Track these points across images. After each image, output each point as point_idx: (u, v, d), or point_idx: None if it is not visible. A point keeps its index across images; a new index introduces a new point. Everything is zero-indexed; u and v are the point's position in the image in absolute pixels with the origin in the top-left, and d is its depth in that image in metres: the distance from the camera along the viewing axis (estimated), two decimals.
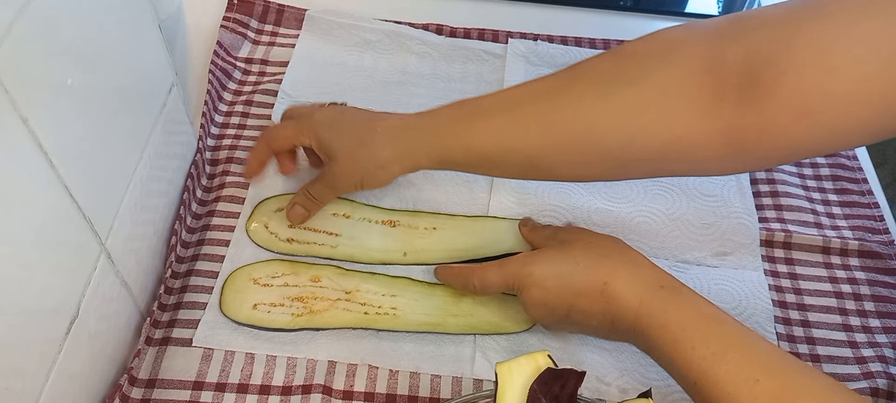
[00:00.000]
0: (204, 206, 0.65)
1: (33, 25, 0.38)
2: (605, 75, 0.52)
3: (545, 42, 0.81)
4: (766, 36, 0.46)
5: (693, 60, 0.49)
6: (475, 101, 0.56)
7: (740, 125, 0.47)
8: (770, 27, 0.46)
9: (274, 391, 0.55)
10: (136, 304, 0.56)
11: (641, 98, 0.50)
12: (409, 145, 0.57)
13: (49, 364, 0.44)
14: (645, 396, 0.48)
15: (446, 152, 0.56)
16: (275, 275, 0.60)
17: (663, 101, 0.49)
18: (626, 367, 0.58)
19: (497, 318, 0.59)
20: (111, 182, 0.50)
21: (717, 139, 0.49)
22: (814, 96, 0.44)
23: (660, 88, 0.49)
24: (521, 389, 0.43)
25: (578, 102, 0.52)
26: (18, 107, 0.37)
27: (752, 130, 0.47)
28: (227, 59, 0.75)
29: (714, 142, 0.49)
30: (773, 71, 0.45)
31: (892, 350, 0.61)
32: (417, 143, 0.57)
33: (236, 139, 0.70)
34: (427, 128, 0.57)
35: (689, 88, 0.49)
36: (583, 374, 0.44)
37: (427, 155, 0.57)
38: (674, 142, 0.50)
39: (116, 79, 0.50)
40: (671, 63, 0.49)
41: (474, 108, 0.56)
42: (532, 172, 0.56)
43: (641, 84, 0.50)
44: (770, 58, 0.45)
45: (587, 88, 0.52)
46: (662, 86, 0.49)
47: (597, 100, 0.51)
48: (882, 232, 0.68)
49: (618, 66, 0.52)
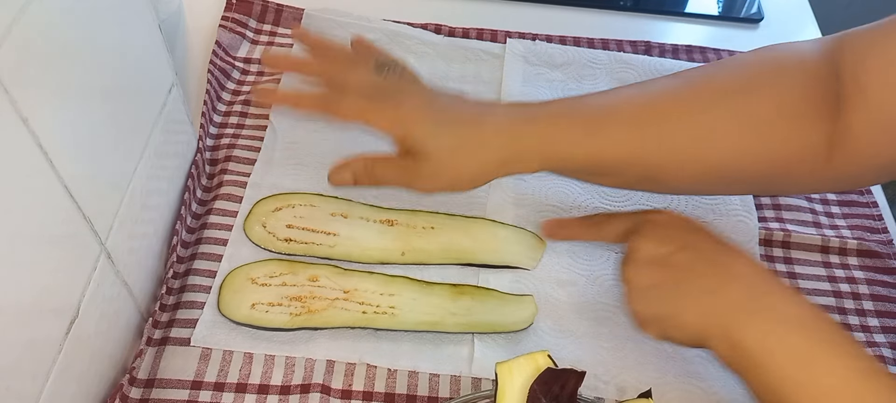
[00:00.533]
0: (203, 206, 0.65)
1: (33, 25, 0.38)
2: (723, 89, 0.52)
3: (544, 42, 0.82)
4: (854, 52, 0.47)
5: (799, 78, 0.50)
6: (593, 102, 0.53)
7: (834, 142, 0.48)
8: (858, 43, 0.48)
9: (272, 390, 0.55)
10: (136, 304, 0.56)
11: (756, 114, 0.50)
12: (519, 148, 0.52)
13: (49, 364, 0.44)
14: (645, 396, 0.48)
15: (564, 159, 0.52)
16: (273, 275, 0.60)
17: (776, 112, 0.50)
18: (625, 364, 0.58)
19: (496, 317, 0.59)
20: (111, 182, 0.50)
21: (820, 157, 0.49)
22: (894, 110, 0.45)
23: (774, 105, 0.50)
24: (520, 389, 0.44)
25: (700, 114, 0.51)
26: (18, 107, 0.37)
27: (844, 147, 0.48)
28: (226, 58, 0.75)
29: (818, 160, 0.49)
30: (855, 87, 0.46)
31: (891, 350, 0.61)
32: (530, 147, 0.52)
33: (234, 138, 0.70)
34: (542, 129, 0.52)
35: (796, 107, 0.49)
36: (583, 374, 0.44)
37: (541, 159, 0.52)
38: (784, 160, 0.50)
39: (116, 79, 0.50)
40: (780, 83, 0.50)
41: (595, 112, 0.52)
42: (646, 185, 0.56)
43: (754, 101, 0.50)
44: (854, 74, 0.46)
45: (709, 103, 0.51)
46: (776, 103, 0.50)
47: (719, 117, 0.51)
48: (881, 232, 0.68)
49: (733, 80, 0.52)
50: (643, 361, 0.58)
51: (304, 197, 0.65)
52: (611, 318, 0.61)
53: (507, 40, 0.81)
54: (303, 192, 0.65)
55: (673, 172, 0.52)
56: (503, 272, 0.63)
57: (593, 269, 0.64)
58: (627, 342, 0.59)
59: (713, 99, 0.52)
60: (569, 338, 0.59)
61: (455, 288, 0.61)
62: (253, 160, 0.68)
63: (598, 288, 0.62)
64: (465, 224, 0.65)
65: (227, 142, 0.69)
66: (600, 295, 0.62)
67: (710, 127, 0.51)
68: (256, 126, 0.71)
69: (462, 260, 0.63)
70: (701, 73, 0.54)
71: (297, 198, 0.65)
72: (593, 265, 0.64)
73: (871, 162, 0.48)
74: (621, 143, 0.51)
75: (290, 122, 0.71)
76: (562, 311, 0.61)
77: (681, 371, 0.58)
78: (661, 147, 0.51)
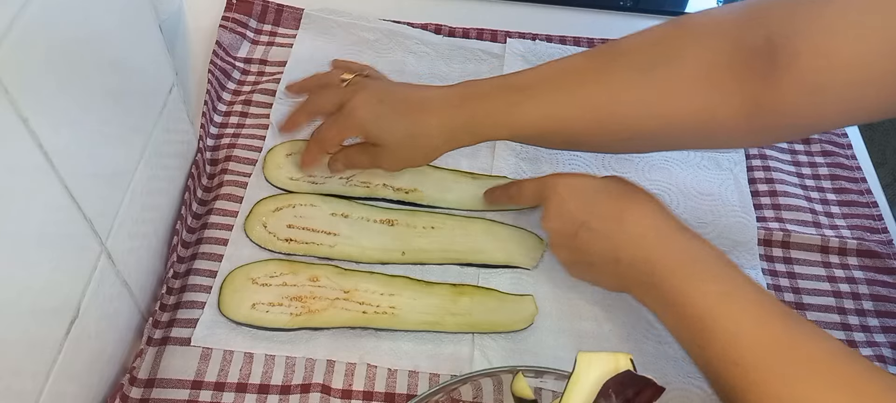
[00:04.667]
0: (204, 206, 0.65)
1: (33, 25, 0.38)
2: (640, 59, 0.55)
3: (544, 42, 0.82)
4: (786, 18, 0.49)
5: (721, 43, 0.52)
6: (516, 79, 0.59)
7: (760, 103, 0.50)
8: (790, 10, 0.49)
9: (273, 390, 0.55)
10: (136, 304, 0.56)
11: (676, 80, 0.53)
12: (454, 128, 0.59)
13: (49, 364, 0.44)
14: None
15: (491, 132, 0.59)
16: (273, 275, 0.60)
17: (695, 84, 0.52)
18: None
19: (495, 317, 0.59)
20: (111, 182, 0.50)
21: (741, 118, 0.52)
22: (823, 76, 0.47)
23: (692, 71, 0.53)
24: (594, 381, 0.43)
25: (618, 86, 0.55)
26: (18, 107, 0.37)
27: (768, 107, 0.50)
28: (226, 58, 0.75)
29: (739, 121, 0.52)
30: (788, 52, 0.48)
31: (891, 350, 0.61)
32: (463, 125, 0.59)
33: (235, 138, 0.70)
34: (471, 110, 0.59)
35: (717, 71, 0.52)
36: (661, 389, 0.43)
37: (472, 135, 0.59)
38: (704, 122, 0.53)
39: (117, 79, 0.50)
40: (701, 47, 0.53)
41: (517, 88, 0.58)
42: (573, 146, 0.61)
43: (675, 67, 0.53)
44: (786, 39, 0.48)
45: (625, 73, 0.55)
46: (694, 69, 0.52)
47: (634, 84, 0.55)
48: (881, 232, 0.68)
49: (652, 49, 0.55)
50: (643, 361, 0.58)
51: (305, 197, 0.65)
52: (611, 318, 0.61)
53: (507, 40, 0.81)
54: (303, 192, 0.66)
55: (595, 135, 0.57)
56: (503, 272, 0.63)
57: None
58: (627, 342, 0.59)
59: (631, 65, 0.55)
60: (569, 338, 0.59)
61: (455, 288, 0.61)
62: (253, 160, 0.68)
63: (598, 288, 0.62)
64: (465, 224, 0.65)
65: (228, 142, 0.69)
66: (600, 295, 0.62)
67: (631, 97, 0.55)
68: (256, 126, 0.71)
69: (462, 260, 0.63)
70: (620, 43, 0.57)
71: (297, 198, 0.65)
72: None
73: (795, 122, 0.52)
74: (542, 112, 0.57)
75: None
76: (562, 311, 0.61)
77: (681, 371, 0.58)
78: (581, 113, 0.56)
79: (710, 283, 0.48)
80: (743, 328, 0.46)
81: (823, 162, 0.73)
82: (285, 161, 0.68)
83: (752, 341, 0.45)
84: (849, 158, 0.74)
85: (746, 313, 0.46)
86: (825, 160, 0.73)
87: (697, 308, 0.48)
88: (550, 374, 0.50)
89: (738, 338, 0.46)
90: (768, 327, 0.46)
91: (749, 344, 0.45)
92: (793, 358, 0.44)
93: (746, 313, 0.46)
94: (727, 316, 0.47)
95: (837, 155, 0.74)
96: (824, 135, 0.75)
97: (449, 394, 0.51)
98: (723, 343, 0.46)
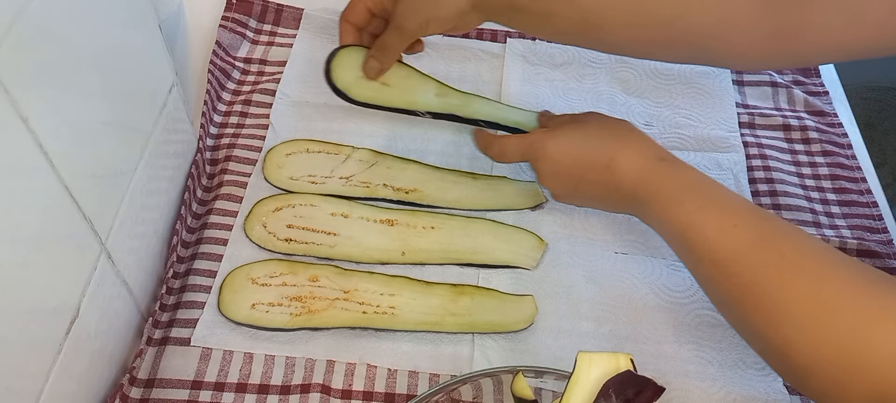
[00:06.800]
0: (203, 206, 0.65)
1: (33, 25, 0.38)
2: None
3: (544, 41, 0.82)
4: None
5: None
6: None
7: (785, 16, 0.50)
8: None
9: (272, 390, 0.55)
10: (136, 304, 0.56)
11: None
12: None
13: (49, 364, 0.44)
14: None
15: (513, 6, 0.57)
16: (273, 275, 0.60)
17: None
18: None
19: (495, 317, 0.59)
20: (111, 182, 0.50)
21: (761, 26, 0.52)
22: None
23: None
24: (595, 381, 0.43)
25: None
26: (18, 107, 0.37)
27: (795, 22, 0.50)
28: (226, 58, 0.75)
29: (758, 29, 0.52)
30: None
31: None
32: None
33: (235, 138, 0.70)
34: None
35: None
36: (661, 389, 0.43)
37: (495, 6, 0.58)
38: (721, 21, 0.53)
39: (116, 78, 0.50)
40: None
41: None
42: (583, 30, 0.58)
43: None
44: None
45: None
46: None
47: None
48: (881, 232, 0.68)
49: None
50: (643, 361, 0.58)
51: (305, 197, 0.65)
52: (611, 318, 0.61)
53: (508, 40, 0.81)
54: (303, 192, 0.66)
55: (609, 19, 0.56)
56: (503, 272, 0.63)
57: (593, 269, 0.64)
58: (627, 342, 0.59)
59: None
60: (569, 338, 0.59)
61: (455, 288, 0.61)
62: (253, 160, 0.68)
63: (598, 287, 0.62)
64: (465, 224, 0.65)
65: (228, 142, 0.69)
66: (600, 295, 0.62)
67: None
68: (256, 126, 0.71)
69: (462, 260, 0.63)
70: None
71: (297, 198, 0.65)
72: (593, 265, 0.64)
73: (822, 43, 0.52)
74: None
75: (290, 123, 0.71)
76: (562, 311, 0.61)
77: (680, 371, 0.58)
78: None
79: (690, 201, 0.53)
80: (721, 232, 0.50)
81: (823, 162, 0.73)
82: (285, 161, 0.68)
83: (729, 241, 0.50)
84: (849, 158, 0.74)
85: (723, 219, 0.51)
86: (825, 160, 0.73)
87: (681, 224, 0.53)
88: (550, 374, 0.50)
89: (717, 241, 0.50)
90: (743, 228, 0.49)
91: (726, 244, 0.50)
92: (766, 251, 0.48)
93: (723, 219, 0.51)
94: (706, 224, 0.51)
95: (837, 155, 0.74)
96: (824, 135, 0.75)
97: (449, 394, 0.51)
98: (704, 247, 0.51)
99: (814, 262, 0.47)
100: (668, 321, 0.61)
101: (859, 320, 0.43)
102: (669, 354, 0.59)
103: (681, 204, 0.53)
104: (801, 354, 0.45)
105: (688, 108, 0.76)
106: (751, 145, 0.73)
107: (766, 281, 0.47)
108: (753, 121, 0.76)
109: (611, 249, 0.65)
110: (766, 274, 0.47)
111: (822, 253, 0.48)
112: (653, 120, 0.75)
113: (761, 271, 0.48)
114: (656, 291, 0.62)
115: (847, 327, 0.43)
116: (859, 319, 0.43)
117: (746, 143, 0.74)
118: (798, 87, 0.79)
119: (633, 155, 0.57)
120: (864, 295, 0.44)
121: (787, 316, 0.46)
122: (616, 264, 0.64)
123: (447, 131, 0.72)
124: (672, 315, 0.61)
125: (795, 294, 0.46)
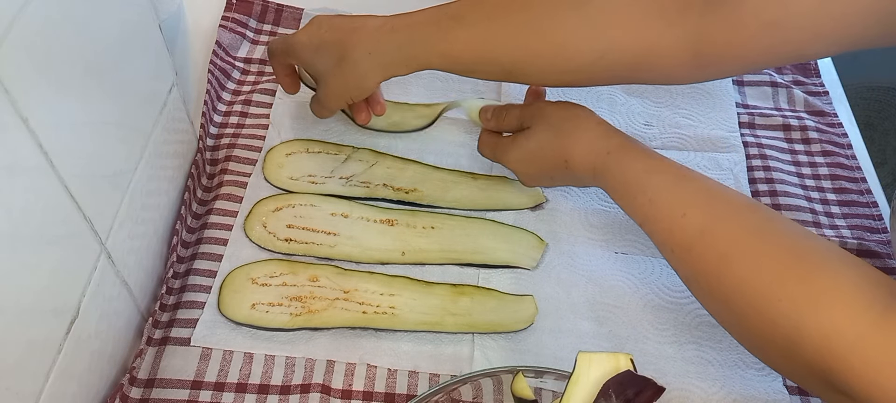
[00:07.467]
0: (203, 206, 0.65)
1: (33, 25, 0.38)
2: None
3: None
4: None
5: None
6: (452, 8, 0.58)
7: (706, 35, 0.51)
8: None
9: (272, 390, 0.55)
10: (136, 304, 0.56)
11: (611, 11, 0.53)
12: (386, 56, 0.58)
13: (49, 364, 0.44)
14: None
15: (423, 61, 0.58)
16: (273, 275, 0.60)
17: (632, 14, 0.53)
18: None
19: (495, 317, 0.59)
20: (111, 182, 0.50)
21: (684, 49, 0.52)
22: (778, 8, 0.48)
23: (628, 1, 0.53)
24: (595, 381, 0.43)
25: (552, 17, 0.55)
26: (18, 107, 0.37)
27: (718, 40, 0.51)
28: (226, 58, 0.75)
29: (681, 53, 0.53)
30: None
31: None
32: (394, 53, 0.58)
33: (235, 138, 0.70)
34: (403, 37, 0.58)
35: (655, 5, 0.52)
36: (661, 389, 0.43)
37: (405, 64, 0.59)
38: (643, 54, 0.54)
39: (116, 78, 0.50)
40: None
41: (450, 17, 0.57)
42: (507, 78, 0.60)
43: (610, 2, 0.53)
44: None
45: (560, 2, 0.55)
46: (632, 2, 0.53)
47: (569, 15, 0.54)
48: (881, 232, 0.68)
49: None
50: (643, 361, 0.58)
51: (305, 197, 0.65)
52: (611, 318, 0.61)
53: None
54: (303, 192, 0.66)
55: (531, 69, 0.58)
56: (503, 272, 0.63)
57: (593, 269, 0.64)
58: (627, 342, 0.59)
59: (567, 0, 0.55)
60: (569, 338, 0.59)
61: (455, 288, 0.61)
62: (253, 160, 0.68)
63: (598, 287, 0.62)
64: (465, 224, 0.65)
65: (228, 142, 0.69)
66: (600, 295, 0.62)
67: (565, 28, 0.54)
68: (256, 126, 0.71)
69: (462, 260, 0.63)
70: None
71: (297, 198, 0.65)
72: (593, 265, 0.64)
73: (746, 56, 0.52)
74: (476, 39, 0.57)
75: (289, 123, 0.71)
76: (562, 311, 0.61)
77: (680, 371, 0.58)
78: (515, 41, 0.56)
79: (642, 194, 0.53)
80: (673, 222, 0.51)
81: (823, 162, 0.73)
82: (285, 161, 0.68)
83: (680, 232, 0.51)
84: (849, 158, 0.74)
85: (673, 209, 0.51)
86: (825, 160, 0.73)
87: (638, 216, 0.54)
88: (550, 374, 0.50)
89: (671, 233, 0.51)
90: (692, 216, 0.50)
91: (679, 236, 0.51)
92: (713, 239, 0.49)
93: (673, 209, 0.51)
94: (658, 216, 0.52)
95: (837, 155, 0.74)
96: (824, 135, 0.75)
97: (449, 394, 0.51)
98: (661, 239, 0.52)
99: (756, 244, 0.48)
100: (668, 321, 0.61)
101: (793, 308, 0.44)
102: (669, 354, 0.59)
103: (633, 198, 0.54)
104: (750, 336, 0.48)
105: (688, 108, 0.76)
106: (751, 145, 0.73)
107: (716, 269, 0.49)
108: (753, 121, 0.76)
109: (611, 249, 0.65)
110: (716, 261, 0.49)
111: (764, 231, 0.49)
112: (653, 120, 0.75)
113: (712, 258, 0.49)
114: (656, 291, 0.62)
115: (783, 313, 0.44)
116: (793, 307, 0.44)
117: (746, 143, 0.74)
118: (798, 87, 0.79)
119: (582, 153, 0.57)
120: (800, 281, 0.45)
121: (730, 304, 0.48)
122: (616, 264, 0.64)
123: (447, 131, 0.72)
124: (672, 315, 0.61)
125: (737, 282, 0.47)
